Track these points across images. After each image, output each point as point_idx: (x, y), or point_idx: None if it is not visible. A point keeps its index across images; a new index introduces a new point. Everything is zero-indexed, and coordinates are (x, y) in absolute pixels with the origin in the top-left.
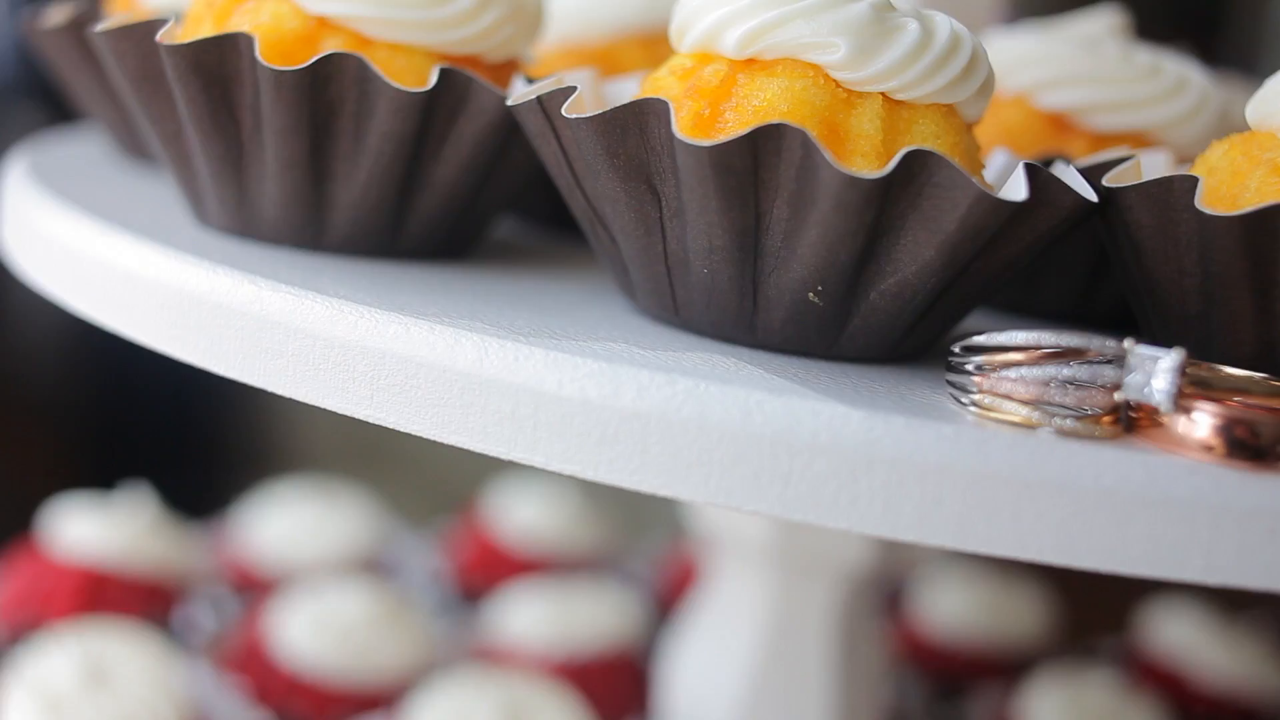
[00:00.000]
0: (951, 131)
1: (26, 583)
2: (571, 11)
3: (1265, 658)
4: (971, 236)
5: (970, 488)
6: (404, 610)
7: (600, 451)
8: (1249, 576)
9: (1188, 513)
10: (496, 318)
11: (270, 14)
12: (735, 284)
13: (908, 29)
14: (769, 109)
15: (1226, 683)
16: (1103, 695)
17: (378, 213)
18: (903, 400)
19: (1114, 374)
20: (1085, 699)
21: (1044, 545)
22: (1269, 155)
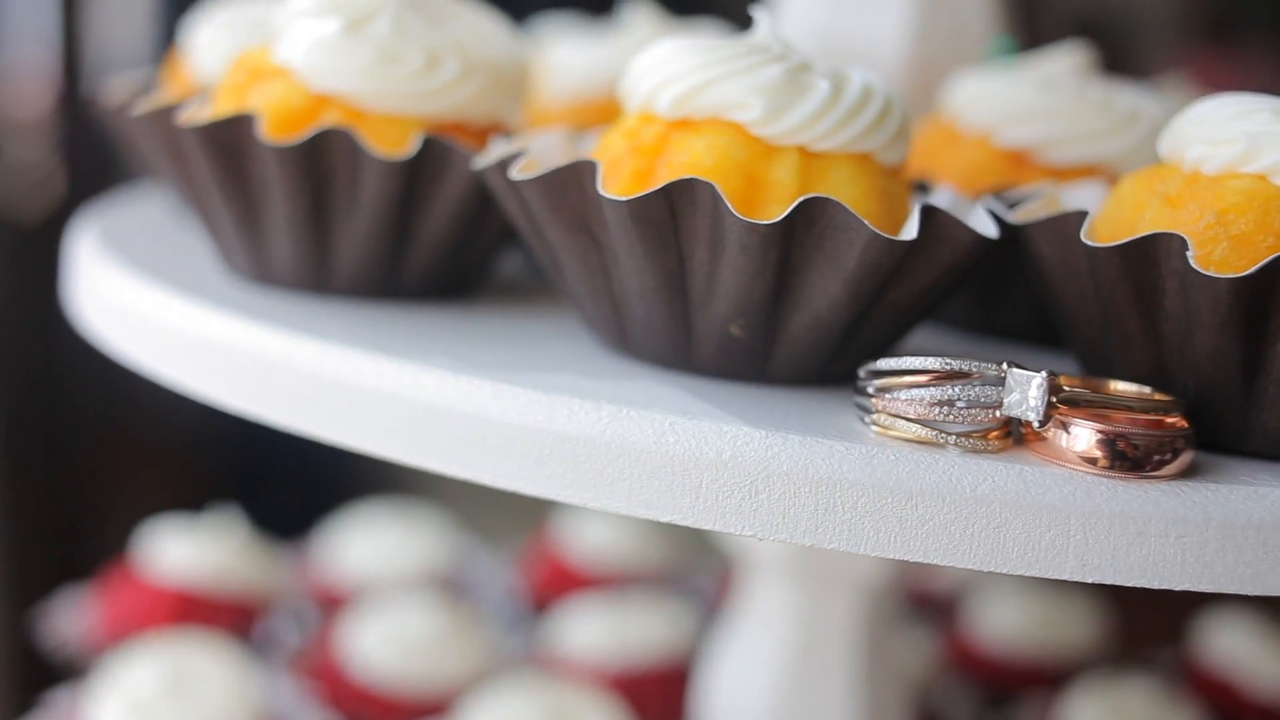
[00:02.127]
0: (866, 177)
1: (123, 601)
2: (578, 71)
3: None
4: (871, 273)
5: (858, 497)
6: (469, 624)
7: (538, 470)
8: (1121, 575)
9: (1060, 518)
10: (466, 353)
11: (278, 92)
12: (669, 320)
13: (818, 87)
14: (694, 164)
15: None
16: (1143, 704)
17: (376, 262)
18: (812, 420)
19: (996, 394)
20: (1126, 707)
21: (927, 548)
22: (1163, 188)
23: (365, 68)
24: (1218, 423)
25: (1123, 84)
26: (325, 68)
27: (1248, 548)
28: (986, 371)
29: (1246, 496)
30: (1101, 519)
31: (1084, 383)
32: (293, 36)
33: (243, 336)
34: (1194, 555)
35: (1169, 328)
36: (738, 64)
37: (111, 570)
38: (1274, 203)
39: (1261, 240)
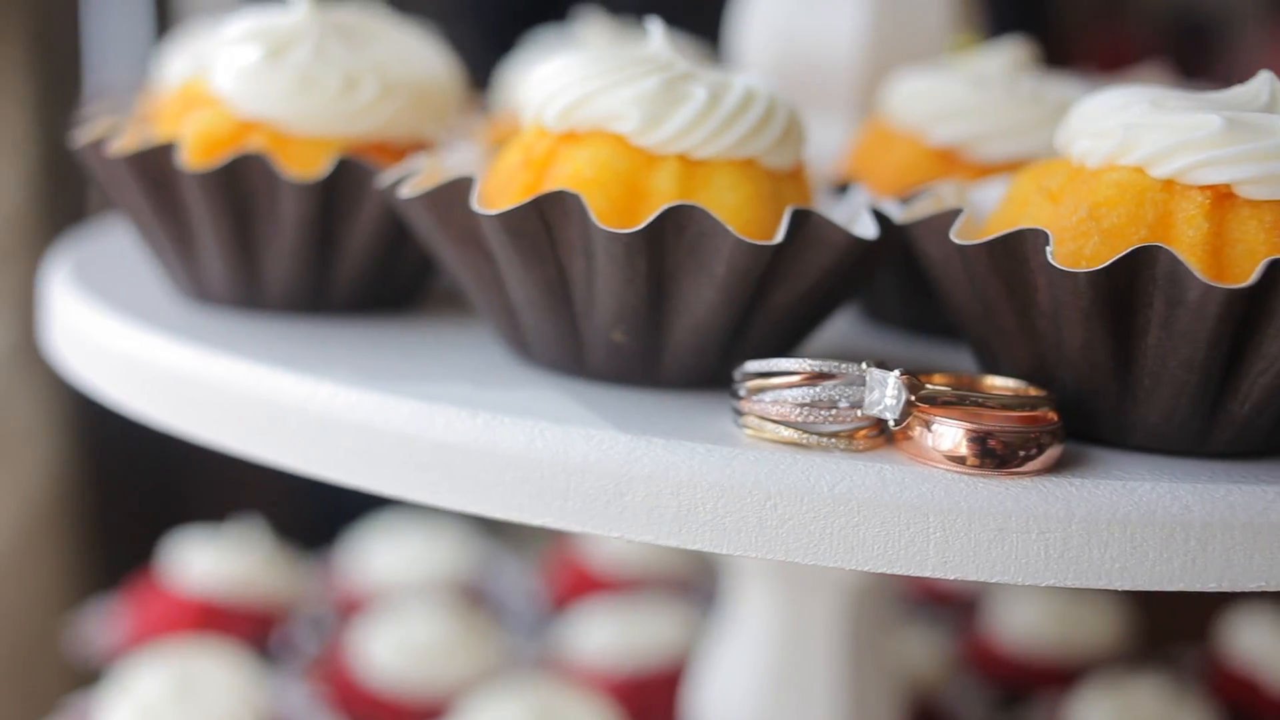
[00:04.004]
0: (749, 182)
1: (146, 609)
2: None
3: None
4: (741, 278)
5: (718, 499)
6: (480, 629)
7: (420, 477)
8: (984, 571)
9: (918, 515)
10: (370, 366)
11: (207, 119)
12: (557, 328)
13: (694, 96)
14: (576, 175)
15: None
16: (1154, 702)
17: (303, 279)
18: (688, 424)
19: (860, 394)
20: (1135, 706)
21: (788, 547)
22: (1046, 182)
23: (285, 93)
24: (1100, 418)
25: (1058, 78)
26: (249, 94)
27: (1113, 543)
28: (850, 372)
29: (1112, 491)
30: (960, 516)
31: (956, 380)
32: (220, 64)
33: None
34: (1057, 551)
35: (1043, 324)
36: (617, 76)
37: (137, 579)
38: (1148, 195)
39: (1134, 233)
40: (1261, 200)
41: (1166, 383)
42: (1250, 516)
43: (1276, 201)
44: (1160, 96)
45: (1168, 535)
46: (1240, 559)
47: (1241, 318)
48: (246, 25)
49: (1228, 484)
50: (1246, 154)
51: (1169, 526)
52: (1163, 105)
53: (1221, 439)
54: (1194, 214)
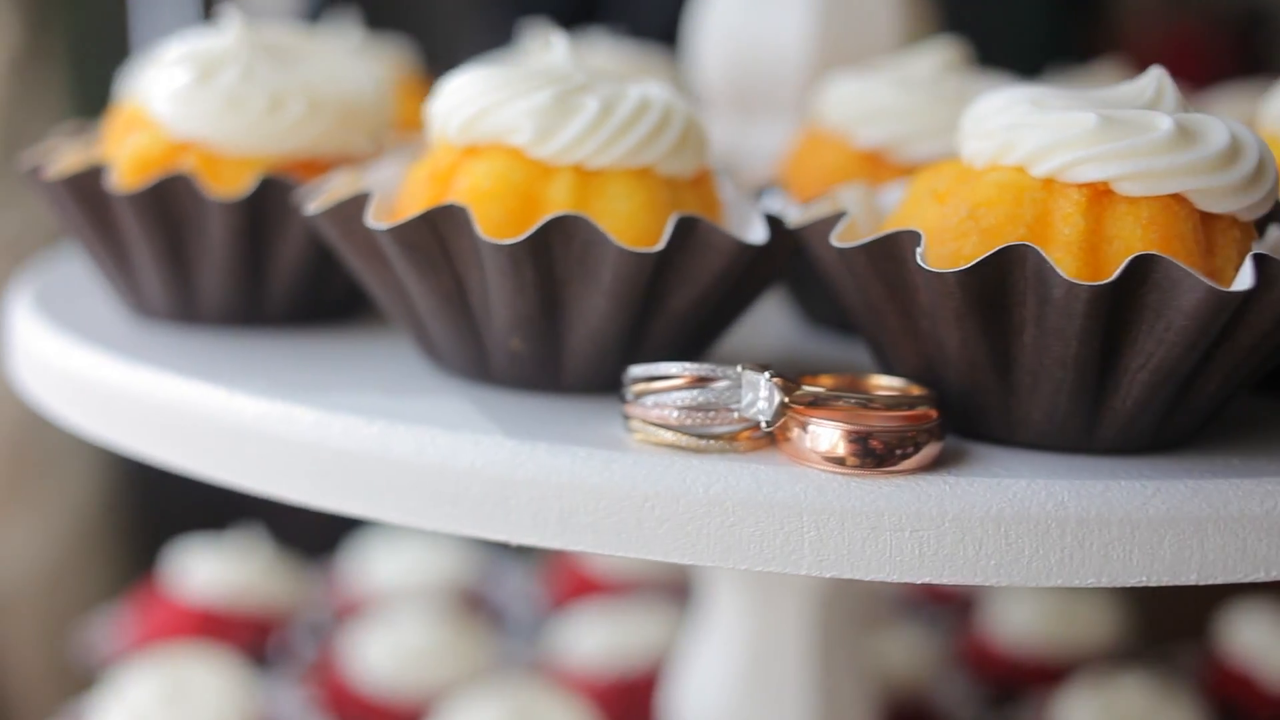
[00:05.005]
0: (644, 190)
1: (148, 617)
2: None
3: None
4: (630, 285)
5: (598, 501)
6: (472, 634)
7: (321, 484)
8: (859, 569)
9: (792, 515)
10: (286, 376)
11: (143, 141)
12: (460, 338)
13: (586, 107)
14: (475, 188)
15: None
16: (1139, 699)
17: (238, 294)
18: (581, 429)
19: (735, 396)
20: (1121, 703)
21: (666, 548)
22: (935, 184)
23: (214, 114)
24: (987, 416)
25: (986, 77)
26: (180, 116)
27: (987, 540)
28: (726, 375)
29: (986, 489)
30: (834, 515)
31: (840, 382)
32: (154, 87)
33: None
34: (931, 549)
35: (925, 324)
36: (512, 90)
37: (140, 587)
38: (1027, 194)
39: (1012, 232)
40: (1138, 197)
41: (1045, 380)
42: (1128, 512)
43: (1153, 198)
44: (1042, 96)
45: (1042, 532)
46: (1119, 554)
47: (1112, 314)
48: (180, 49)
49: (1106, 480)
50: (1120, 151)
51: (1044, 523)
52: (1043, 105)
53: (1107, 435)
54: (1070, 212)
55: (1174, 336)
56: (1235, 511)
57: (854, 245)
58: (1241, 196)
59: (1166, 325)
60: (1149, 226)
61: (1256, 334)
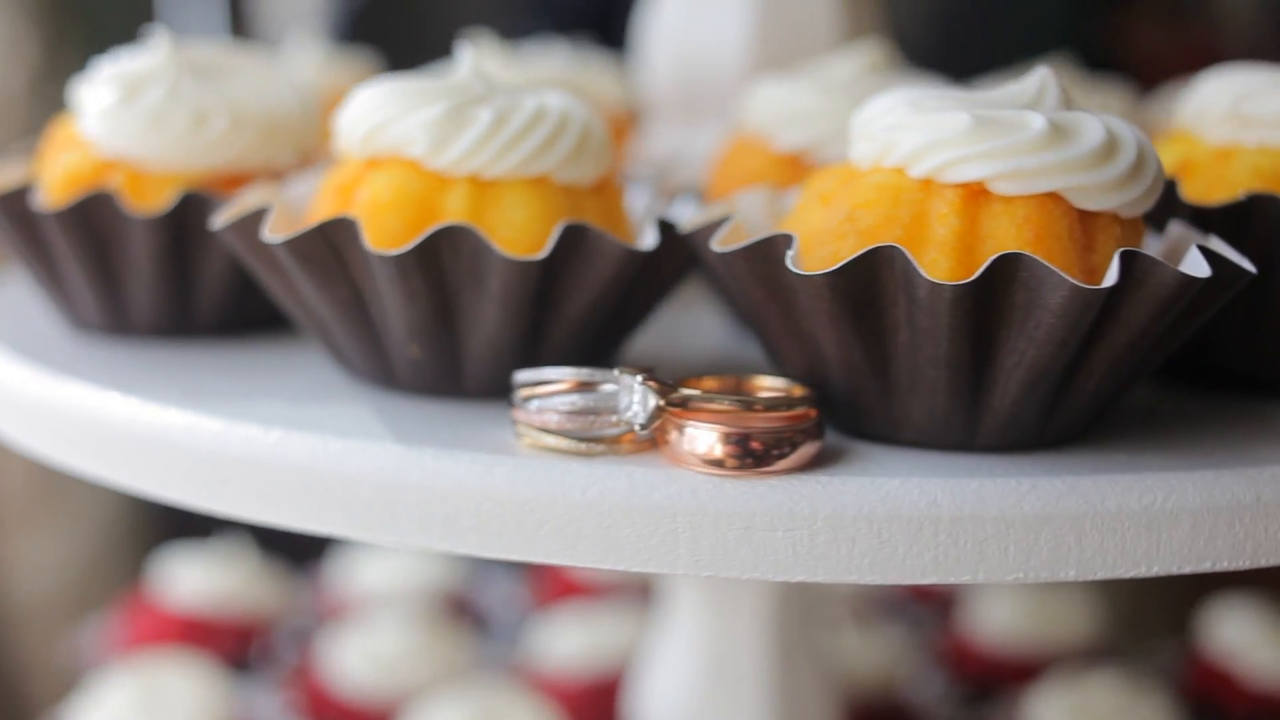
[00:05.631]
0: (540, 199)
1: (134, 624)
2: None
3: None
4: (518, 292)
5: (480, 505)
6: (452, 637)
7: (221, 491)
8: (734, 569)
9: (666, 516)
10: (201, 386)
11: (73, 159)
12: (364, 345)
13: (480, 118)
14: (375, 200)
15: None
16: (1110, 696)
17: (167, 306)
18: (474, 433)
19: (615, 400)
20: (1092, 700)
21: (547, 550)
22: (821, 187)
23: (139, 131)
24: (870, 416)
25: (910, 79)
26: (107, 134)
27: (860, 538)
28: (605, 379)
29: (859, 488)
30: (708, 516)
31: (723, 384)
32: (84, 106)
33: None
34: (805, 548)
35: (806, 325)
36: (409, 103)
37: (127, 594)
38: (904, 195)
39: (888, 233)
40: (1013, 196)
41: (922, 380)
42: (1002, 509)
43: (1028, 197)
44: (922, 97)
45: (916, 530)
46: (994, 552)
47: (980, 313)
48: (110, 69)
49: (982, 478)
50: (993, 150)
51: (917, 521)
52: (921, 106)
53: (989, 433)
54: (945, 212)
55: (1044, 335)
56: (1113, 508)
57: (731, 250)
58: (1119, 193)
59: (1036, 324)
60: (1024, 225)
61: (1132, 331)
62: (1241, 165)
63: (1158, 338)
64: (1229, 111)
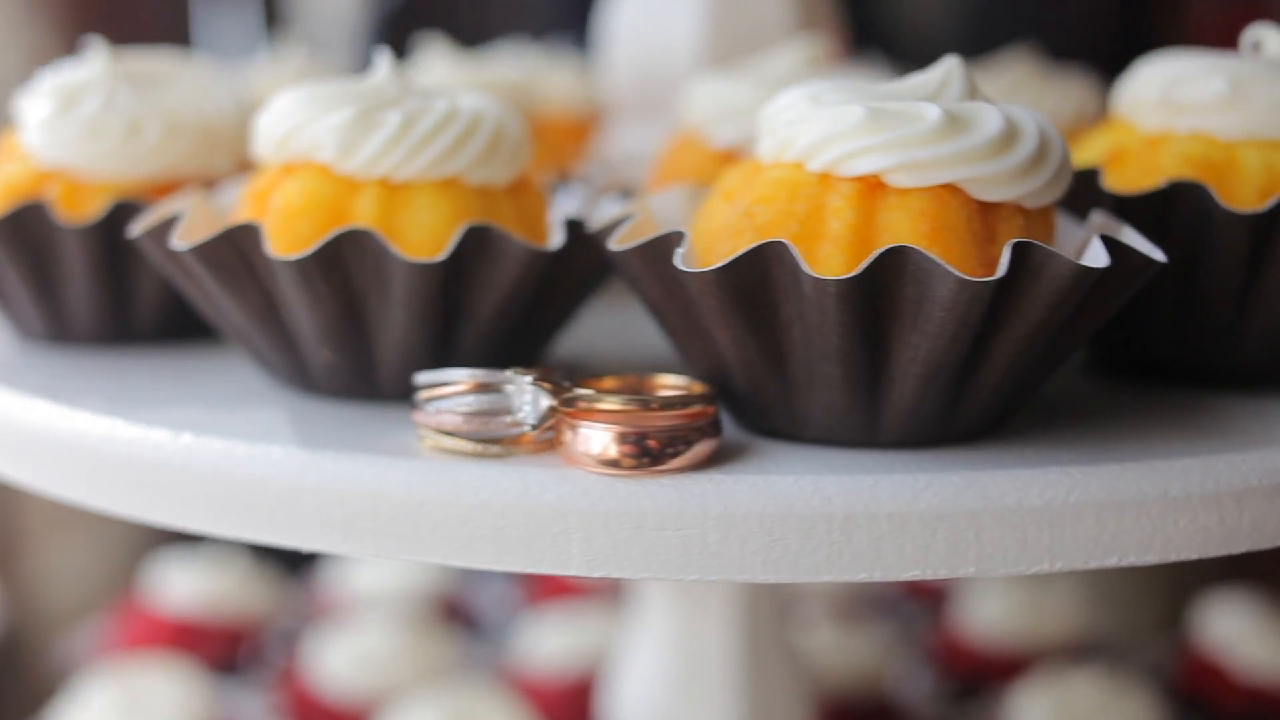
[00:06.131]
0: (450, 201)
1: (126, 628)
2: None
3: None
4: (421, 295)
5: (377, 507)
6: (438, 638)
7: (134, 496)
8: (627, 569)
9: (558, 516)
10: (130, 393)
11: (13, 171)
12: (279, 350)
13: (388, 122)
14: (288, 205)
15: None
16: (1093, 691)
17: (104, 313)
18: (379, 437)
19: (512, 401)
20: (1075, 696)
21: (445, 551)
22: (727, 183)
23: (75, 142)
24: (772, 413)
25: (850, 74)
26: (44, 144)
27: (752, 537)
28: (501, 380)
29: (752, 486)
30: (599, 517)
31: (622, 383)
32: (24, 117)
33: None
34: (696, 547)
35: (703, 323)
36: (319, 108)
37: (120, 598)
38: (801, 189)
39: (784, 228)
40: (909, 189)
41: (818, 376)
42: (896, 506)
43: (924, 189)
44: (823, 91)
45: (809, 527)
46: (890, 549)
47: (870, 308)
48: (49, 80)
49: (878, 474)
50: (887, 143)
51: (809, 519)
52: (820, 100)
53: (890, 429)
54: (840, 206)
55: (935, 328)
56: (1012, 503)
57: (626, 248)
58: (1020, 183)
59: (926, 317)
60: (919, 218)
61: (1031, 323)
62: (1171, 152)
63: (1061, 329)
64: (1161, 98)
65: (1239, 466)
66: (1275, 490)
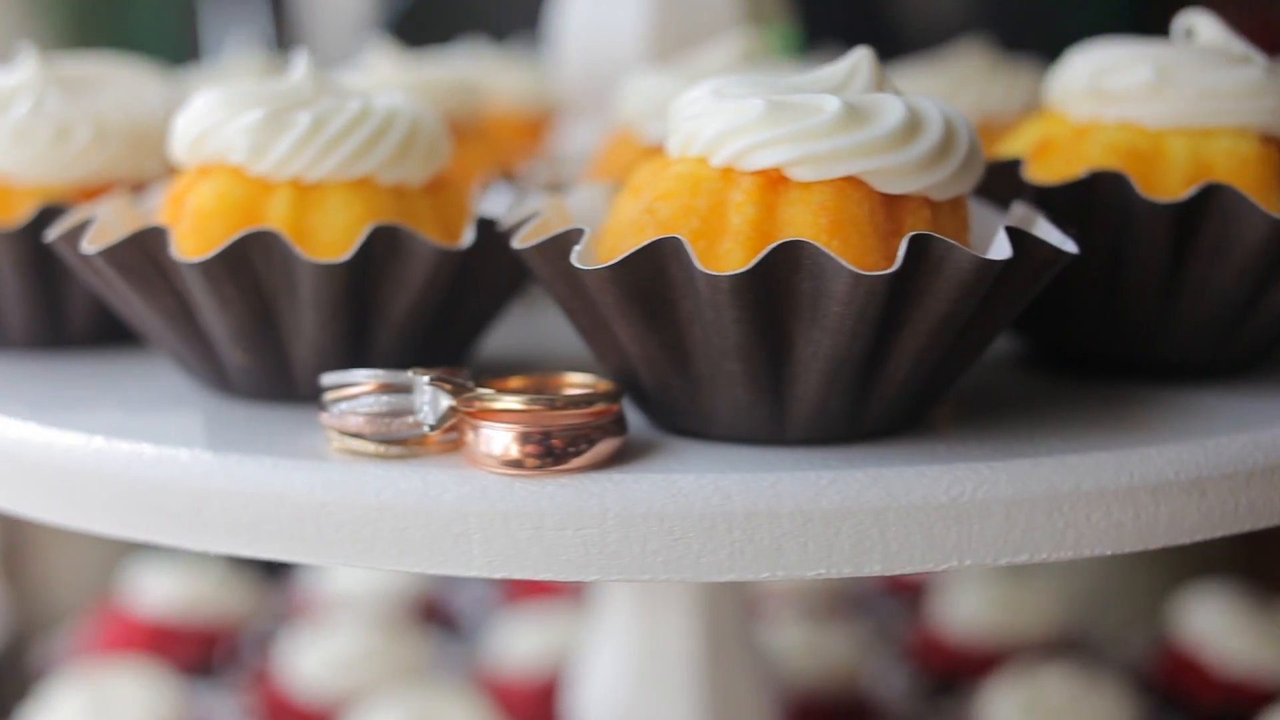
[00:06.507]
0: (361, 201)
1: (103, 632)
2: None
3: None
4: (329, 296)
5: (279, 509)
6: (409, 639)
7: (49, 501)
8: (528, 570)
9: (458, 518)
10: (55, 398)
11: None
12: (196, 352)
13: (298, 122)
14: (201, 208)
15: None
16: (1064, 688)
17: (36, 317)
18: (290, 439)
19: (412, 402)
20: (1045, 694)
21: (346, 554)
22: (635, 180)
23: (3, 146)
24: (679, 410)
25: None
26: None
27: (652, 536)
28: (402, 381)
29: (652, 485)
30: (498, 517)
31: (526, 382)
32: None
33: None
34: (596, 547)
35: (605, 320)
36: (231, 109)
37: (98, 602)
38: (704, 184)
39: (685, 224)
40: (810, 182)
41: (720, 373)
42: (798, 504)
43: (826, 182)
44: (728, 85)
45: (709, 526)
46: (793, 547)
47: (766, 303)
48: None
49: (780, 472)
50: (787, 135)
51: (709, 518)
52: (724, 93)
53: (797, 426)
54: (742, 201)
55: (834, 323)
56: (918, 500)
57: (527, 246)
58: (924, 175)
59: (824, 312)
60: (820, 212)
61: (934, 316)
62: (1097, 142)
63: (969, 323)
64: (1089, 87)
65: (1154, 460)
66: (1192, 484)
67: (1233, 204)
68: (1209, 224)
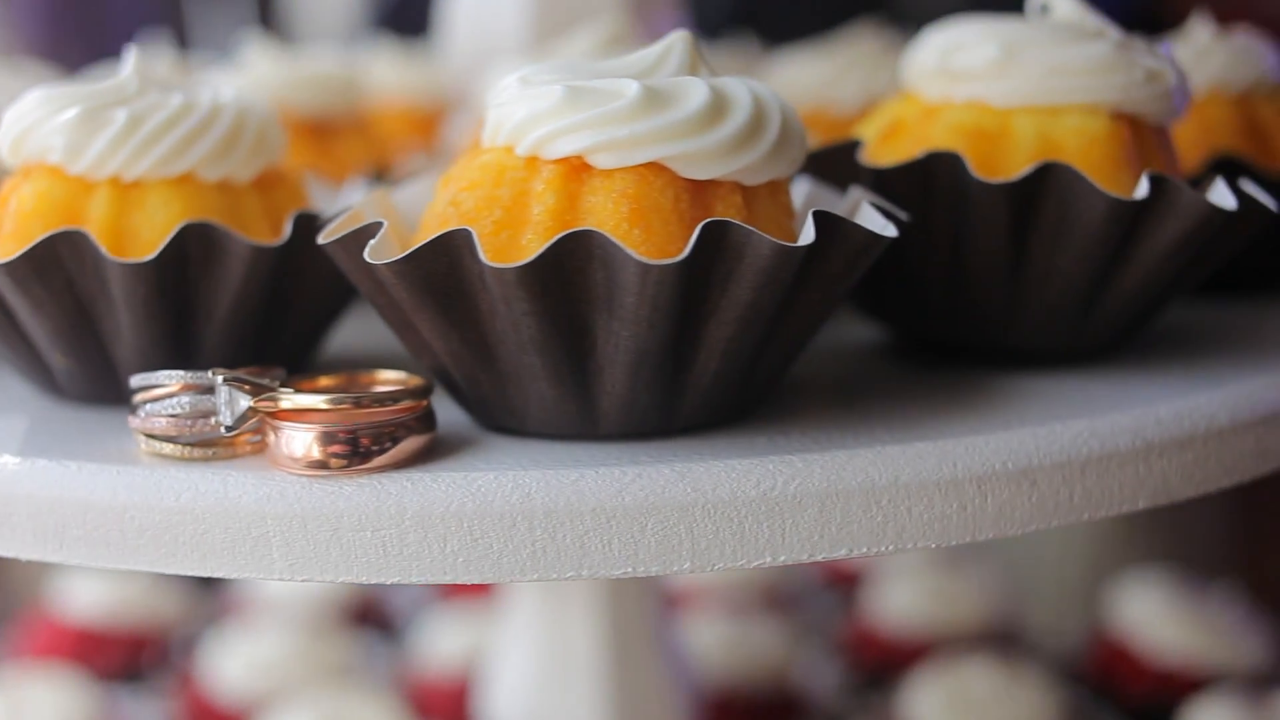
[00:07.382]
0: (182, 199)
1: (30, 638)
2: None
3: (1221, 629)
4: (141, 297)
5: (84, 514)
6: (335, 641)
7: None
8: (330, 573)
9: (256, 520)
10: None
11: None
12: (20, 355)
13: (114, 120)
14: (22, 210)
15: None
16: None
17: None
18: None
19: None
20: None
21: (151, 558)
22: (449, 171)
23: None
24: (493, 406)
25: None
26: None
27: (451, 536)
28: (202, 382)
29: (450, 484)
30: (297, 519)
31: (335, 381)
32: None
33: None
34: (395, 548)
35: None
36: (49, 108)
37: (26, 608)
38: (507, 174)
39: (487, 216)
40: (612, 169)
41: (522, 368)
42: (600, 501)
43: (627, 169)
44: (535, 72)
45: (509, 525)
46: (597, 545)
47: (559, 295)
48: None
49: (584, 468)
50: (584, 122)
51: (509, 517)
52: (529, 81)
53: (610, 421)
54: (542, 190)
55: (629, 314)
56: (726, 495)
57: (328, 242)
58: (730, 160)
59: (619, 303)
60: (620, 200)
61: (739, 305)
62: (944, 122)
63: (781, 312)
64: (939, 66)
65: (980, 449)
66: (1021, 474)
67: (1070, 183)
68: (1047, 205)
